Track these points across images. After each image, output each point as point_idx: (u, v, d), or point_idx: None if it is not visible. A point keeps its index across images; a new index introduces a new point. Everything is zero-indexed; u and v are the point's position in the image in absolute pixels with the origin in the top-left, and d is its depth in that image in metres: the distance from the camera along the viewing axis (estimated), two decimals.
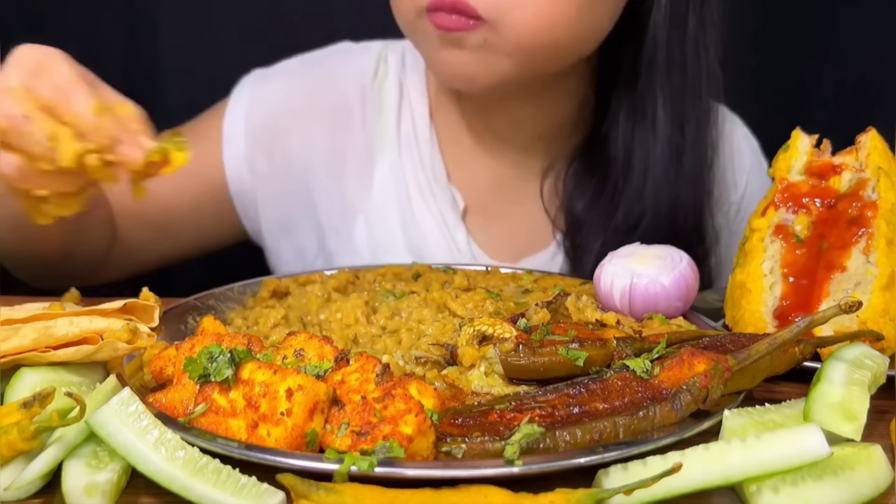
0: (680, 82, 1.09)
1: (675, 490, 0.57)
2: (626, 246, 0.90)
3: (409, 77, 1.19)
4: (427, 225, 1.15)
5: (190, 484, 0.56)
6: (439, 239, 1.15)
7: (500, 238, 1.18)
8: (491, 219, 1.18)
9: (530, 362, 0.70)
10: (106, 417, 0.58)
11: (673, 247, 0.89)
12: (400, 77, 1.19)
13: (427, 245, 1.15)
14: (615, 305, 0.86)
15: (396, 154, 1.17)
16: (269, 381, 0.60)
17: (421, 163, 1.16)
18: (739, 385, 0.69)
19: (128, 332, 0.71)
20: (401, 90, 1.19)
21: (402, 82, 1.19)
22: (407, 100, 1.19)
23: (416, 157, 1.16)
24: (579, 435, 0.61)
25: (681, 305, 0.86)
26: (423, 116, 1.18)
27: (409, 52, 1.20)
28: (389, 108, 1.18)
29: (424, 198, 1.16)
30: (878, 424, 0.70)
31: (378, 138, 1.17)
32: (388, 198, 1.16)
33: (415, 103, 1.18)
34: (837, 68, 1.62)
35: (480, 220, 1.18)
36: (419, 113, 1.18)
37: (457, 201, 1.16)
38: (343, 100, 1.18)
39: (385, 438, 0.57)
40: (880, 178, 0.85)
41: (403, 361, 0.75)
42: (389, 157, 1.17)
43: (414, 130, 1.17)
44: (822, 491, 0.58)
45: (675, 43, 1.07)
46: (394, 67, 1.19)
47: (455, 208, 1.16)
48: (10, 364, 0.69)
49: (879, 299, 0.80)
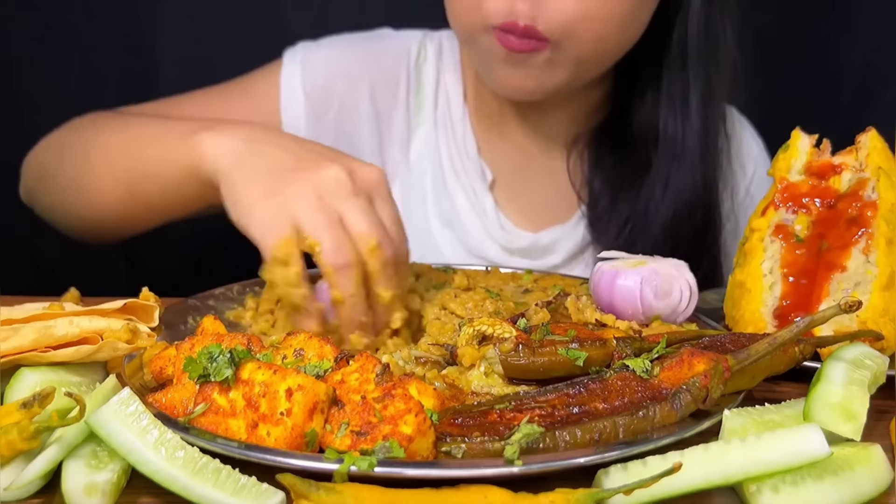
0: (707, 65, 1.15)
1: (675, 490, 0.57)
2: (634, 256, 0.90)
3: (446, 65, 1.27)
4: (458, 194, 1.23)
5: (190, 484, 0.56)
6: (468, 207, 1.23)
7: (525, 208, 1.25)
8: (517, 191, 1.25)
9: (530, 362, 0.70)
10: (106, 417, 0.58)
11: (682, 264, 0.88)
12: (438, 63, 1.27)
13: (458, 212, 1.23)
14: (602, 302, 0.86)
15: (432, 130, 1.25)
16: (268, 380, 0.60)
17: (454, 139, 1.24)
18: (739, 385, 0.69)
19: (128, 332, 0.71)
20: (438, 75, 1.27)
21: (440, 68, 1.27)
22: (443, 83, 1.26)
23: (450, 134, 1.24)
24: (579, 435, 0.61)
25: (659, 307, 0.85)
26: (458, 98, 1.26)
27: (446, 44, 1.28)
28: (428, 88, 1.26)
29: (455, 170, 1.24)
30: (878, 424, 0.70)
31: (417, 114, 1.25)
32: (423, 168, 1.24)
33: (450, 88, 1.26)
34: (837, 68, 1.62)
35: (507, 191, 1.25)
36: (454, 95, 1.26)
37: (486, 174, 1.23)
38: (390, 74, 1.25)
39: (385, 438, 0.57)
40: (880, 178, 0.85)
41: (403, 361, 0.75)
42: (425, 132, 1.25)
43: (449, 110, 1.25)
44: (822, 491, 0.58)
45: (703, 27, 1.14)
46: (432, 54, 1.27)
47: (484, 181, 1.23)
48: (9, 364, 0.69)
49: (879, 299, 0.80)
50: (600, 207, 1.20)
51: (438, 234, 1.23)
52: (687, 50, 1.14)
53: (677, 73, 1.15)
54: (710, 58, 1.15)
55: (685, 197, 1.15)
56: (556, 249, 1.22)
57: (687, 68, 1.14)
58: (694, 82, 1.15)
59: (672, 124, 1.15)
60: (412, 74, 1.26)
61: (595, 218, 1.20)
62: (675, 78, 1.15)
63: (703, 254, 1.17)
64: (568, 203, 1.24)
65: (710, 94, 1.16)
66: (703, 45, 1.14)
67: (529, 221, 1.24)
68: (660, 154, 1.16)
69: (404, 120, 1.25)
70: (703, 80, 1.15)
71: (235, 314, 0.89)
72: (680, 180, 1.15)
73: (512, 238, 1.22)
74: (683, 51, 1.14)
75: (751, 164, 1.29)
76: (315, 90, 1.22)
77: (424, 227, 1.23)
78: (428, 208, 1.24)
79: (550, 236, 1.23)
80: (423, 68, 1.26)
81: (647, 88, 1.17)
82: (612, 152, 1.20)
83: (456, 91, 1.26)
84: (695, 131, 1.15)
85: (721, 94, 1.18)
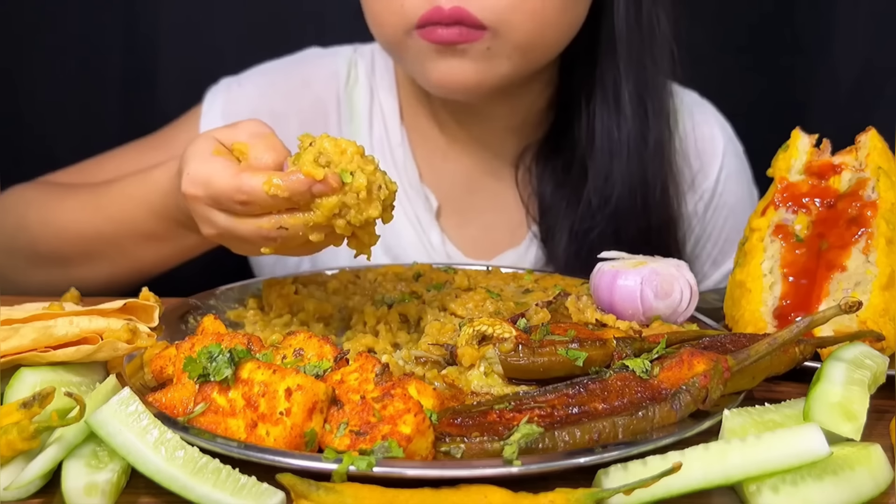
0: (640, 57, 1.10)
1: (675, 490, 0.57)
2: (634, 256, 0.90)
3: (379, 82, 1.20)
4: (402, 226, 1.16)
5: (190, 484, 0.56)
6: (414, 240, 1.16)
7: (474, 236, 1.19)
8: (464, 217, 1.19)
9: (530, 362, 0.70)
10: (106, 417, 0.58)
11: (683, 264, 0.88)
12: (370, 82, 1.20)
13: (402, 246, 1.16)
14: (603, 302, 0.86)
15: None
16: (268, 380, 0.60)
17: (394, 165, 1.17)
18: (739, 385, 0.69)
19: (128, 332, 0.71)
20: (371, 95, 1.20)
21: (373, 87, 1.20)
22: (378, 104, 1.19)
23: (388, 161, 1.17)
24: (578, 435, 0.61)
25: (660, 307, 0.85)
26: (394, 120, 1.18)
27: (379, 57, 1.21)
28: (361, 112, 1.19)
29: (398, 200, 1.15)
30: (878, 424, 0.70)
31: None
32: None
33: (385, 107, 1.19)
34: (837, 68, 1.62)
35: (454, 218, 1.19)
36: (390, 116, 1.19)
37: (430, 201, 1.17)
38: (319, 103, 1.19)
39: (384, 438, 0.57)
40: (880, 178, 0.85)
41: (403, 361, 0.75)
42: None
43: (386, 134, 1.18)
44: (822, 491, 0.58)
45: (633, 18, 1.09)
46: (364, 72, 1.20)
47: (429, 208, 1.17)
48: (9, 364, 0.69)
49: (879, 299, 0.80)
50: (549, 222, 1.14)
51: None
52: (616, 42, 1.09)
53: (609, 67, 1.10)
54: (644, 49, 1.10)
55: (630, 194, 1.10)
56: None
57: (617, 60, 1.09)
58: (625, 74, 1.09)
59: (606, 120, 1.10)
60: (342, 99, 1.19)
61: (545, 234, 1.15)
62: (608, 70, 1.10)
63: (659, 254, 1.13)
64: (518, 224, 1.18)
65: (645, 86, 1.10)
66: (635, 35, 1.09)
67: (480, 249, 1.18)
68: (595, 153, 1.10)
69: None
70: (636, 71, 1.10)
71: (236, 314, 0.89)
72: (621, 176, 1.10)
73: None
74: (612, 43, 1.09)
75: (716, 163, 1.22)
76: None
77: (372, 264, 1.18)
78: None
79: (504, 262, 1.16)
80: (355, 91, 1.19)
81: (583, 87, 1.12)
82: (556, 161, 1.15)
83: (392, 112, 1.18)
84: (629, 125, 1.10)
85: (658, 85, 1.12)
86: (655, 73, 1.11)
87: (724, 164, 1.23)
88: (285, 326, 0.86)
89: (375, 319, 0.85)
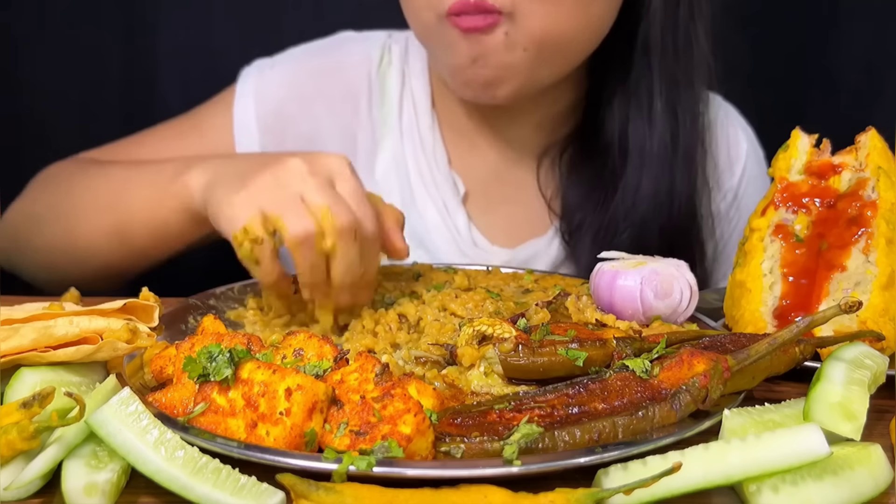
0: (674, 69, 1.11)
1: (675, 490, 0.57)
2: (634, 256, 0.90)
3: (412, 67, 1.21)
4: (428, 211, 1.18)
5: (190, 484, 0.56)
6: (440, 224, 1.18)
7: (499, 223, 1.20)
8: (491, 204, 1.21)
9: (530, 362, 0.70)
10: (105, 417, 0.58)
11: (683, 264, 0.88)
12: (403, 67, 1.21)
13: (427, 229, 1.18)
14: (603, 302, 0.86)
15: (398, 141, 1.19)
16: (268, 380, 0.60)
17: (423, 150, 1.19)
18: (739, 385, 0.69)
19: (128, 332, 0.71)
20: (403, 79, 1.21)
21: (405, 72, 1.21)
22: (409, 89, 1.21)
23: (417, 145, 1.19)
24: (578, 435, 0.61)
25: (661, 307, 0.85)
26: (425, 105, 1.20)
27: (413, 44, 1.22)
28: (392, 96, 1.20)
29: (425, 184, 1.19)
30: (877, 424, 0.70)
31: (381, 126, 1.20)
32: (391, 184, 1.19)
33: (417, 92, 1.20)
34: (837, 68, 1.62)
35: (481, 205, 1.20)
36: (421, 102, 1.20)
37: (458, 187, 1.19)
38: (350, 87, 1.20)
39: (384, 438, 0.57)
40: (880, 178, 0.85)
41: (403, 361, 0.75)
42: (392, 145, 1.20)
43: (416, 118, 1.20)
44: (822, 490, 0.58)
45: (668, 30, 1.10)
46: (397, 57, 1.22)
47: (456, 194, 1.19)
48: (9, 364, 0.69)
49: (879, 299, 0.80)
50: (575, 221, 1.16)
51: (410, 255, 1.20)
52: (650, 50, 1.10)
53: (642, 75, 1.11)
54: (678, 58, 1.11)
55: (657, 202, 1.12)
56: (533, 265, 1.17)
57: (651, 69, 1.11)
58: (658, 84, 1.11)
59: (639, 128, 1.12)
60: (374, 82, 1.21)
61: (569, 232, 1.17)
62: (641, 80, 1.11)
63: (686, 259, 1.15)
64: (543, 214, 1.20)
65: (678, 96, 1.12)
66: (669, 44, 1.10)
67: (505, 236, 1.20)
68: (628, 160, 1.12)
69: (369, 133, 1.20)
70: (669, 81, 1.11)
71: (236, 314, 0.89)
72: (650, 186, 1.12)
73: (487, 256, 1.17)
74: (647, 51, 1.10)
75: (739, 163, 1.25)
76: (268, 117, 1.18)
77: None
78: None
79: (528, 251, 1.18)
80: (388, 74, 1.21)
81: (614, 93, 1.14)
82: (584, 162, 1.16)
83: (423, 97, 1.20)
84: (662, 134, 1.11)
85: (692, 96, 1.14)
86: (689, 85, 1.13)
87: (747, 166, 1.25)
88: (285, 326, 0.86)
89: (375, 320, 0.85)
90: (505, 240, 1.19)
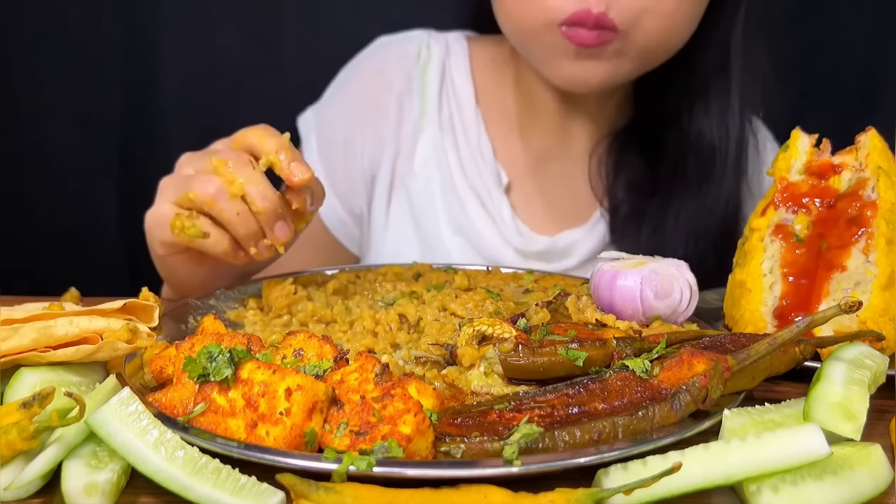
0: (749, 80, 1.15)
1: (675, 490, 0.57)
2: (634, 256, 0.90)
3: (454, 64, 1.26)
4: (468, 199, 1.22)
5: (190, 484, 0.56)
6: (483, 213, 1.21)
7: (541, 211, 1.24)
8: (533, 194, 1.24)
9: (530, 362, 0.70)
10: (105, 417, 0.58)
11: (682, 264, 0.88)
12: (444, 62, 1.26)
13: (469, 218, 1.21)
14: (603, 302, 0.86)
15: (438, 134, 1.23)
16: (268, 380, 0.60)
17: (467, 142, 1.23)
18: (739, 385, 0.69)
19: (128, 332, 0.71)
20: (443, 76, 1.25)
21: (445, 68, 1.25)
22: (449, 84, 1.25)
23: (460, 138, 1.23)
24: (578, 435, 0.61)
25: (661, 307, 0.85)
26: (470, 100, 1.24)
27: (454, 43, 1.27)
28: (432, 91, 1.24)
29: (467, 175, 1.23)
30: (877, 424, 0.70)
31: (421, 118, 1.24)
32: (430, 173, 1.23)
33: (459, 88, 1.25)
34: (837, 68, 1.62)
35: (523, 194, 1.24)
36: (465, 98, 1.24)
37: (501, 177, 1.22)
38: (393, 88, 1.24)
39: (384, 438, 0.57)
40: (880, 178, 0.85)
41: (403, 361, 0.75)
42: (431, 136, 1.24)
43: (459, 113, 1.24)
44: (822, 490, 0.58)
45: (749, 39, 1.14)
46: (437, 54, 1.26)
47: (499, 184, 1.22)
48: (9, 364, 0.69)
49: (879, 299, 0.80)
50: (624, 212, 1.19)
51: (449, 241, 1.22)
52: (730, 56, 1.13)
53: (716, 80, 1.14)
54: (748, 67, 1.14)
55: (717, 211, 1.15)
56: (573, 252, 1.21)
57: (729, 75, 1.13)
58: (734, 91, 1.14)
59: (711, 134, 1.15)
60: (414, 77, 1.25)
61: (617, 223, 1.19)
62: (714, 85, 1.14)
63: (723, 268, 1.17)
64: (585, 204, 1.23)
65: (746, 105, 1.15)
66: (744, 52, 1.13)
67: (546, 224, 1.23)
68: (699, 164, 1.15)
69: (409, 126, 1.24)
70: (741, 88, 1.14)
71: (236, 314, 0.89)
72: (715, 193, 1.15)
73: (529, 242, 1.21)
74: (726, 56, 1.13)
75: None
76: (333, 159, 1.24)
77: (435, 233, 1.22)
78: (438, 214, 1.22)
79: (567, 239, 1.22)
80: (427, 68, 1.25)
81: (682, 94, 1.16)
82: (638, 157, 1.19)
83: (467, 93, 1.24)
84: (733, 143, 1.14)
85: (754, 106, 1.17)
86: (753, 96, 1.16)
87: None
88: (285, 326, 0.86)
89: (375, 320, 0.85)
90: (546, 227, 1.23)
